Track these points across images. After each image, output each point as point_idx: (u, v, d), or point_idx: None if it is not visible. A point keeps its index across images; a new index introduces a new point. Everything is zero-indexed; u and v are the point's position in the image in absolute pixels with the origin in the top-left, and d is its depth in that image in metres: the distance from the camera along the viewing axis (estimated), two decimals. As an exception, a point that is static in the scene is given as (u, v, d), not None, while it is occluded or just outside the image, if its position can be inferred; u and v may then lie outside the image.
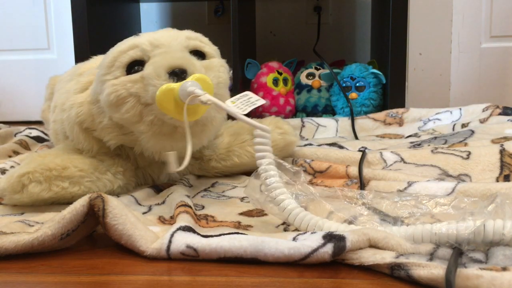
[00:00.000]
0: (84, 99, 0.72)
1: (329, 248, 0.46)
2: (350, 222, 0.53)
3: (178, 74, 0.64)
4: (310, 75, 1.47)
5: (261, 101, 0.63)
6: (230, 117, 0.75)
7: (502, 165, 0.72)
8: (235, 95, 0.66)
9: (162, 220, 0.61)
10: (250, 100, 0.63)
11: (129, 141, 0.71)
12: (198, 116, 0.65)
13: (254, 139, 0.59)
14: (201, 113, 0.65)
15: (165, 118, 0.65)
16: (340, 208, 0.55)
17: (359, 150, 0.88)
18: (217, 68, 0.71)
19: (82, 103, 0.72)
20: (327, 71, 1.43)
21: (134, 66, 0.67)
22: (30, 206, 0.67)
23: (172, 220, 0.60)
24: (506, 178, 0.70)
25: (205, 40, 0.74)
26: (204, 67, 0.68)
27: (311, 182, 0.79)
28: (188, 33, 0.72)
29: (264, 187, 0.57)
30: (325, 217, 0.54)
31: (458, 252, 0.44)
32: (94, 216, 0.53)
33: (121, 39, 0.73)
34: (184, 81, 0.62)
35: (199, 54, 0.71)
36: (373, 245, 0.47)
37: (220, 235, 0.49)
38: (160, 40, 0.68)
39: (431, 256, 0.45)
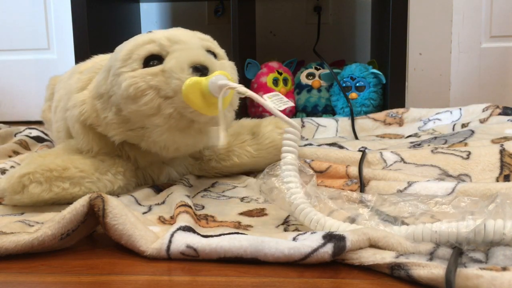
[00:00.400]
0: (86, 96, 0.72)
1: (329, 248, 0.46)
2: (353, 221, 0.53)
3: (201, 70, 0.65)
4: (310, 75, 1.47)
5: (290, 103, 0.65)
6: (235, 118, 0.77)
7: (502, 165, 0.72)
8: None
9: (162, 220, 0.61)
10: (282, 99, 0.66)
11: (135, 137, 0.71)
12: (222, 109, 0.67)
13: (284, 135, 0.61)
14: (224, 108, 0.66)
15: (186, 112, 0.65)
16: (342, 207, 0.56)
17: (359, 150, 0.88)
18: (229, 69, 0.72)
19: (84, 101, 0.72)
20: (327, 71, 1.43)
21: (151, 60, 0.67)
22: (30, 206, 0.67)
23: (172, 220, 0.60)
24: (506, 178, 0.70)
25: (215, 42, 0.75)
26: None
27: (311, 182, 0.79)
28: (199, 34, 0.74)
29: (276, 180, 0.58)
30: (328, 215, 0.54)
31: (458, 252, 0.44)
32: (94, 216, 0.53)
33: (121, 39, 0.73)
34: (213, 74, 0.63)
35: (212, 55, 0.72)
36: (373, 245, 0.47)
37: (220, 235, 0.49)
38: (178, 36, 0.69)
39: (431, 256, 0.45)
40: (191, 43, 0.69)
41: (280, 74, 1.44)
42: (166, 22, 1.93)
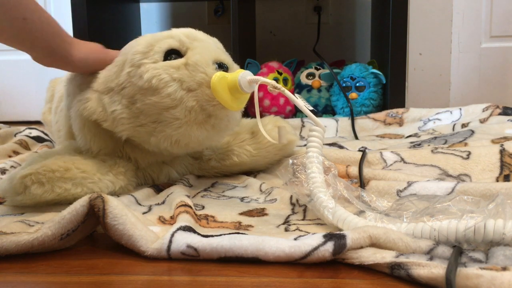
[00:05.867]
0: (90, 93, 0.72)
1: (329, 246, 0.46)
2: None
3: (223, 67, 0.69)
4: (310, 75, 1.47)
5: (310, 107, 0.67)
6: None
7: (502, 165, 0.72)
8: None
9: (162, 220, 0.61)
10: (306, 101, 0.68)
11: (144, 133, 0.70)
12: (242, 106, 0.71)
13: (309, 132, 0.63)
14: (245, 102, 0.71)
15: (207, 105, 0.67)
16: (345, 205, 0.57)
17: (359, 150, 0.88)
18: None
19: (89, 98, 0.71)
20: (327, 71, 1.43)
21: (170, 54, 0.69)
22: (31, 207, 0.67)
23: (172, 220, 0.60)
24: (506, 178, 0.70)
25: (221, 44, 0.77)
26: None
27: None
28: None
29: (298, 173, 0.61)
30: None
31: (458, 251, 0.44)
32: (94, 216, 0.53)
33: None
34: (240, 71, 0.66)
35: None
36: (374, 242, 0.47)
37: (220, 235, 0.49)
38: (195, 34, 0.72)
39: (431, 254, 0.45)
40: (208, 42, 0.72)
41: (280, 74, 1.44)
42: (166, 22, 1.93)
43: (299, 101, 0.64)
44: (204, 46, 0.70)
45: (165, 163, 0.80)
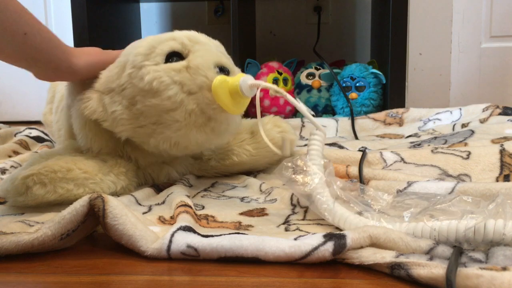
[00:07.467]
0: (91, 93, 0.72)
1: (329, 246, 0.46)
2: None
3: (225, 70, 0.69)
4: (310, 75, 1.47)
5: (311, 112, 0.67)
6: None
7: (502, 165, 0.72)
8: None
9: (162, 220, 0.61)
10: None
11: (144, 134, 0.70)
12: (243, 110, 0.71)
13: (311, 136, 0.64)
14: (245, 106, 0.71)
15: (208, 108, 0.67)
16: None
17: (359, 150, 0.88)
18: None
19: (90, 97, 0.71)
20: (327, 71, 1.43)
21: (172, 56, 0.69)
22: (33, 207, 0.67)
23: (172, 220, 0.60)
24: (506, 178, 0.70)
25: (223, 49, 0.77)
26: None
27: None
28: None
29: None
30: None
31: (458, 251, 0.44)
32: (94, 216, 0.53)
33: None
34: (241, 75, 0.67)
35: None
36: (374, 242, 0.47)
37: (220, 235, 0.49)
38: (197, 37, 0.72)
39: (431, 254, 0.45)
40: (210, 45, 0.72)
41: (280, 74, 1.44)
42: (166, 22, 1.93)
43: (301, 105, 0.65)
44: (205, 49, 0.70)
45: (165, 163, 0.80)
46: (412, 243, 0.46)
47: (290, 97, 0.65)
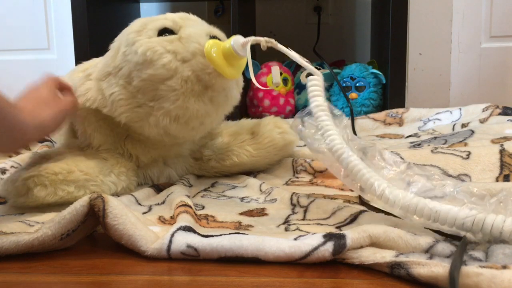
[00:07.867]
0: (90, 85, 0.73)
1: (329, 246, 0.46)
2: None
3: (217, 39, 0.69)
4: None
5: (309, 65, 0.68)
6: (228, 118, 0.80)
7: (502, 165, 0.72)
8: None
9: (162, 220, 0.61)
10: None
11: (143, 114, 0.70)
12: (239, 74, 0.71)
13: (308, 82, 0.64)
14: (241, 70, 0.71)
15: (203, 74, 0.67)
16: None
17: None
18: None
19: (89, 89, 0.72)
20: (327, 71, 1.43)
21: (164, 32, 0.69)
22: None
23: (172, 220, 0.60)
24: (506, 178, 0.70)
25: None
26: None
27: (311, 182, 0.79)
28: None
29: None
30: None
31: (464, 245, 0.44)
32: (94, 216, 0.53)
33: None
34: (232, 37, 0.66)
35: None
36: (374, 241, 0.47)
37: (220, 235, 0.49)
38: (189, 16, 0.73)
39: (431, 252, 0.45)
40: (202, 22, 0.73)
41: (280, 74, 1.44)
42: (166, 22, 1.93)
43: (293, 53, 0.65)
44: (197, 24, 0.71)
45: (165, 164, 0.80)
46: (412, 242, 0.46)
47: (281, 46, 0.66)
